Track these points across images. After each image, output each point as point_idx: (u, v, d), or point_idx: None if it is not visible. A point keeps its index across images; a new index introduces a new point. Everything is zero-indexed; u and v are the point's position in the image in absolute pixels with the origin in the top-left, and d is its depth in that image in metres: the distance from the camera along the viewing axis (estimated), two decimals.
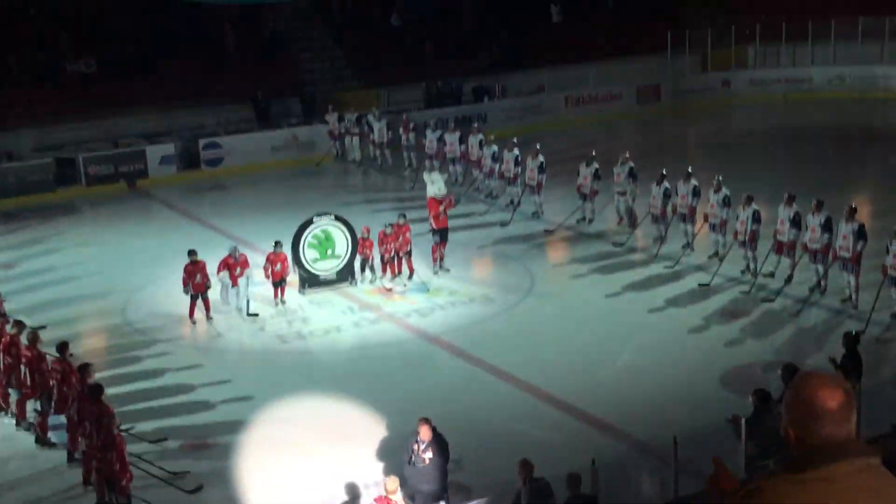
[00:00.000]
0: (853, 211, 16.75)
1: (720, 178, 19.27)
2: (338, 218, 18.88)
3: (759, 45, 35.38)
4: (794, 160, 27.28)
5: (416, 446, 11.07)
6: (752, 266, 18.31)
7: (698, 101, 34.12)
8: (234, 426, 13.73)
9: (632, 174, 21.40)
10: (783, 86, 34.92)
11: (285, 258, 18.08)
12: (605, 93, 33.54)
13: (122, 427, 12.45)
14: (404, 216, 19.21)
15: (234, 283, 17.60)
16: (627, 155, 21.75)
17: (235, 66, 31.18)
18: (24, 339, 13.82)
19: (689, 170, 19.88)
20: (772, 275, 18.08)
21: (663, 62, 34.67)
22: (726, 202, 18.94)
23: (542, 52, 34.00)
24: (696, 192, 19.57)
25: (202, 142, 28.51)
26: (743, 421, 10.62)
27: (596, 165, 21.90)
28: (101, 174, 27.34)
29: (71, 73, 29.91)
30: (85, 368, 12.71)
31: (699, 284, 18.25)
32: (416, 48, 33.35)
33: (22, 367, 13.65)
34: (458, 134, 25.62)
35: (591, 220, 22.03)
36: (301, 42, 33.22)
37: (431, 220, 19.48)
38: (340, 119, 28.95)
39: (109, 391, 12.65)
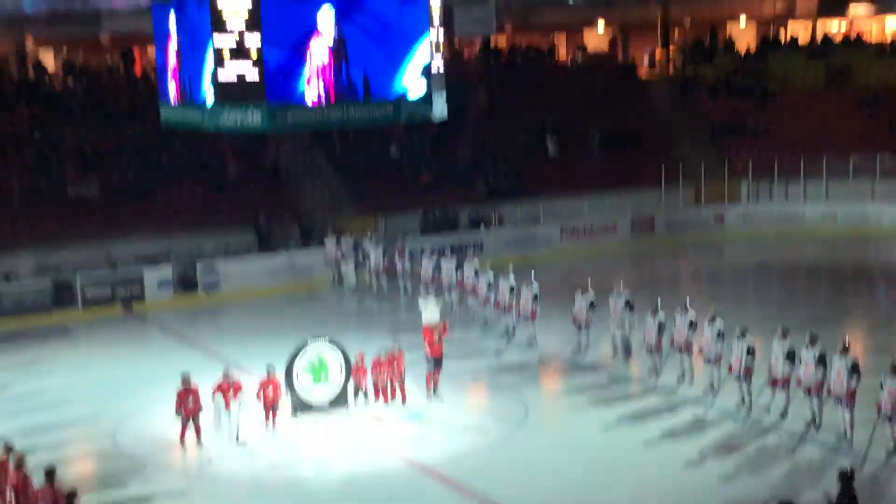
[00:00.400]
0: (847, 347, 16.79)
1: (714, 310, 19.36)
2: (332, 342, 18.89)
3: (751, 180, 35.98)
4: (788, 295, 27.44)
5: None
6: (747, 400, 18.25)
7: (692, 234, 34.48)
8: None
9: (628, 305, 21.50)
10: (776, 221, 35.36)
11: (278, 384, 18.00)
12: (599, 224, 33.94)
13: None
14: (398, 343, 19.22)
15: (227, 407, 17.48)
16: (622, 286, 21.90)
17: (236, 192, 31.60)
18: (11, 463, 13.66)
19: (687, 302, 19.99)
20: (767, 409, 18.00)
21: (657, 195, 35.19)
22: (720, 335, 18.98)
23: (538, 183, 34.56)
24: (692, 325, 19.63)
25: (199, 266, 28.69)
26: None
27: (591, 296, 22.03)
28: (98, 297, 27.41)
29: (73, 196, 30.27)
30: (74, 496, 12.52)
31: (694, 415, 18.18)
32: (413, 178, 33.91)
33: (8, 492, 13.45)
34: (453, 262, 25.83)
35: (585, 351, 22.03)
36: (302, 170, 33.76)
37: (426, 348, 19.47)
38: (338, 244, 29.25)
39: None
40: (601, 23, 45.02)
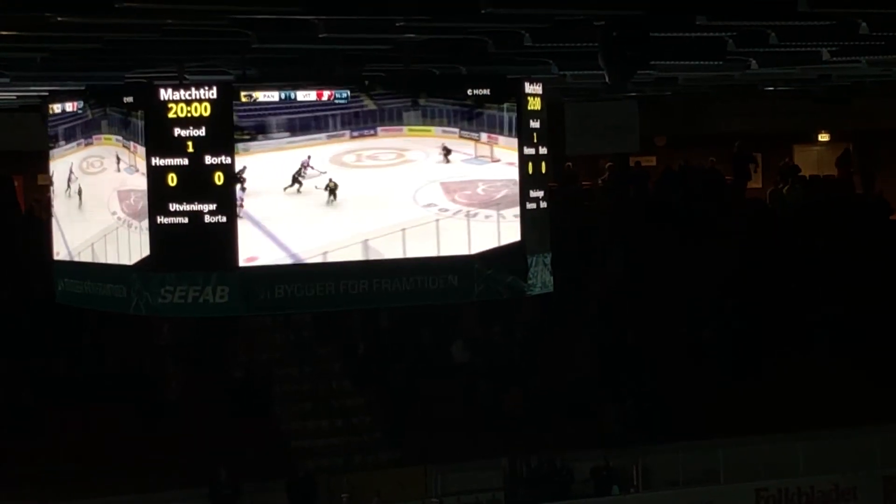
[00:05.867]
0: None
1: None
2: None
3: None
4: None
5: None
6: None
7: None
8: None
9: None
10: None
11: None
12: (826, 486, 33.57)
13: None
14: None
15: None
16: None
17: (180, 423, 31.67)
18: None
19: None
20: None
21: None
22: None
23: (713, 411, 34.32)
24: None
25: None
26: None
27: None
28: None
29: None
30: None
31: None
32: (493, 400, 33.85)
33: None
34: None
35: None
36: (293, 383, 33.98)
37: None
38: None
39: None
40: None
